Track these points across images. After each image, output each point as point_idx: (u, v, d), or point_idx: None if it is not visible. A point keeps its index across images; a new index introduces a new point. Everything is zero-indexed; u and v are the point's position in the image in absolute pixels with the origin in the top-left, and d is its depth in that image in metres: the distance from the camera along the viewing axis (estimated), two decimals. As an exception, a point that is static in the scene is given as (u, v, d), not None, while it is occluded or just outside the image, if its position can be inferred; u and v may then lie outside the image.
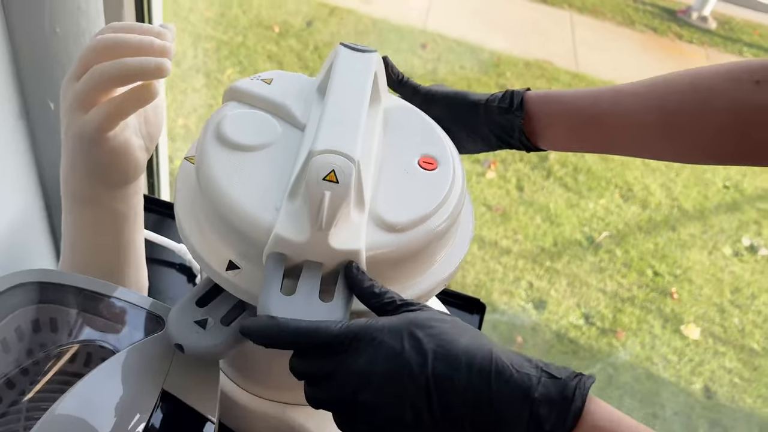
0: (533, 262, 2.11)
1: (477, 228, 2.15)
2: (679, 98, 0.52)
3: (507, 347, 0.38)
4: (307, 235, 0.41)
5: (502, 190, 2.27)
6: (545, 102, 0.56)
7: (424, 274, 0.47)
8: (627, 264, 2.15)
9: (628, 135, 0.54)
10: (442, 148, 0.50)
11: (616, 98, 0.54)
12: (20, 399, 0.47)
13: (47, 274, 0.51)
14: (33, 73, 0.63)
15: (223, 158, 0.45)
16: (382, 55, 0.60)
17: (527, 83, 2.63)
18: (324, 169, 0.41)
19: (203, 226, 0.46)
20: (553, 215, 2.23)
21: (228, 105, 0.49)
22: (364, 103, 0.46)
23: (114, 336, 0.50)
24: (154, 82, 0.47)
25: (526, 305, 1.99)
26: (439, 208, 0.46)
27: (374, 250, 0.43)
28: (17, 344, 0.49)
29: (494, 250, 2.11)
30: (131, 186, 0.54)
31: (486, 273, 2.05)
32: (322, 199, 0.40)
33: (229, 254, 0.44)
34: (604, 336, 1.96)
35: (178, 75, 2.32)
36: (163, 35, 0.48)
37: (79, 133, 0.48)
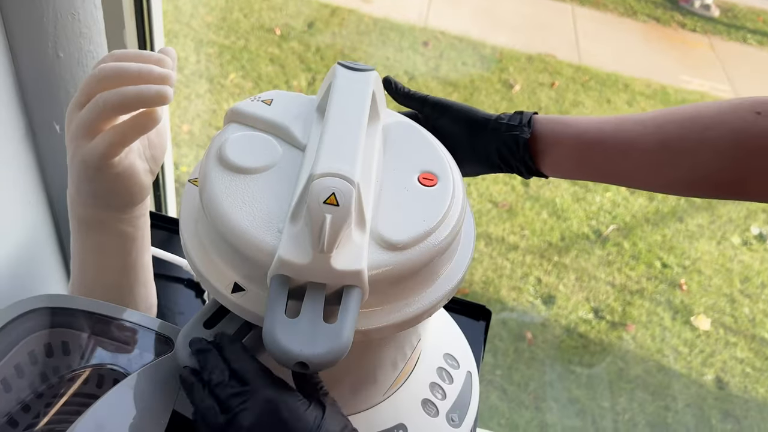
0: (541, 257, 2.11)
1: (484, 224, 2.15)
2: (680, 125, 0.53)
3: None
4: (310, 258, 0.41)
5: (508, 186, 2.27)
6: (551, 123, 0.57)
7: (429, 288, 0.48)
8: (635, 256, 2.14)
9: (630, 161, 0.55)
10: (441, 163, 0.50)
11: (620, 124, 0.55)
12: (36, 422, 0.48)
13: (58, 299, 0.52)
14: (38, 97, 0.64)
15: (226, 181, 0.46)
16: (384, 77, 0.61)
17: (530, 78, 2.63)
18: (324, 192, 0.42)
19: (208, 249, 0.46)
20: (559, 210, 2.23)
21: (229, 127, 0.50)
22: (362, 123, 0.47)
23: (125, 358, 0.51)
24: (156, 108, 0.48)
25: (535, 301, 1.99)
26: (440, 225, 0.46)
27: (377, 269, 0.43)
28: (31, 369, 0.50)
29: (501, 247, 2.11)
30: (137, 208, 0.55)
31: (494, 270, 2.05)
32: (324, 223, 0.41)
33: (234, 276, 0.45)
34: (614, 329, 1.96)
35: (182, 81, 2.33)
36: (163, 62, 0.49)
37: (83, 160, 0.48)
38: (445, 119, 0.59)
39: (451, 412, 0.59)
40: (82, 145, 0.48)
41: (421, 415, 0.57)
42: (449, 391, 0.60)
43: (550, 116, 0.58)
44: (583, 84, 2.64)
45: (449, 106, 0.60)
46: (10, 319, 0.49)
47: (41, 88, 0.63)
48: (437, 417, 0.58)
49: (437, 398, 0.59)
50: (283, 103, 0.51)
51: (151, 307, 0.63)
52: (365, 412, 0.56)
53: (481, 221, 2.16)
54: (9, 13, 0.58)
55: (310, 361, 0.39)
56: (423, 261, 0.45)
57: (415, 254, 0.45)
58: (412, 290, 0.47)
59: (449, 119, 0.59)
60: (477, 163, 0.60)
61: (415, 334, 0.55)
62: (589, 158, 0.56)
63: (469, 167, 0.61)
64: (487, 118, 0.59)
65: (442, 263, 0.48)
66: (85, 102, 0.48)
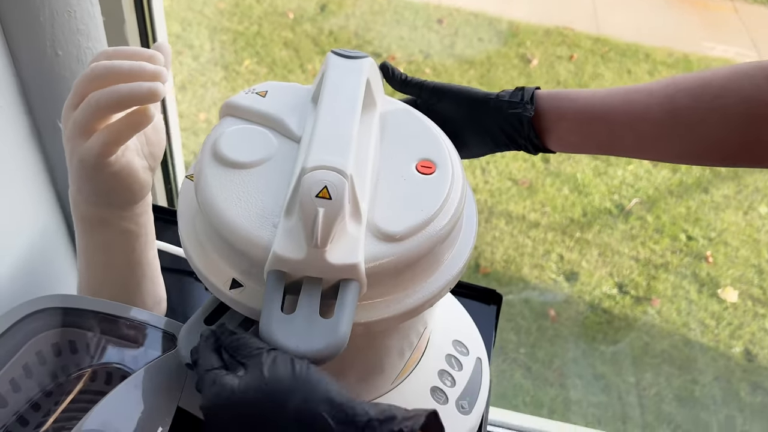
0: (563, 234, 2.09)
1: (504, 203, 2.13)
2: (689, 94, 0.51)
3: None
4: (304, 253, 0.41)
5: (528, 163, 2.25)
6: (555, 98, 0.56)
7: (432, 276, 0.47)
8: (659, 230, 2.11)
9: (637, 133, 0.53)
10: (440, 150, 0.49)
11: (627, 96, 0.54)
12: (46, 420, 0.49)
13: (63, 299, 0.52)
14: (40, 97, 0.64)
15: (221, 177, 0.45)
16: (380, 63, 0.60)
17: (548, 51, 2.58)
18: (316, 186, 0.41)
19: (205, 246, 0.46)
20: (581, 185, 2.20)
21: (224, 121, 0.49)
22: (355, 113, 0.46)
23: (132, 356, 0.51)
24: (149, 106, 0.47)
25: (558, 278, 1.98)
26: (438, 213, 0.46)
27: (374, 261, 0.43)
28: (40, 368, 0.50)
29: (522, 225, 2.09)
30: (139, 205, 0.55)
31: (515, 248, 2.03)
32: (316, 217, 0.40)
33: (231, 273, 0.45)
34: (639, 304, 1.94)
35: (197, 69, 2.33)
36: (155, 59, 0.48)
37: (81, 160, 0.49)
38: (444, 103, 0.58)
39: (461, 399, 0.58)
40: (79, 145, 0.48)
41: (430, 402, 0.57)
42: (459, 378, 0.60)
43: (553, 91, 0.57)
44: (603, 56, 2.59)
45: (448, 90, 0.58)
46: (17, 320, 0.50)
47: (42, 87, 0.63)
48: (447, 404, 0.58)
49: (446, 385, 0.59)
50: (278, 94, 0.51)
51: (160, 302, 0.63)
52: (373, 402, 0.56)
53: (501, 199, 2.14)
54: (6, 14, 0.59)
55: (307, 356, 0.39)
56: (422, 251, 0.45)
57: (413, 244, 0.44)
58: (413, 280, 0.46)
59: (449, 103, 0.58)
60: (482, 144, 0.59)
61: (420, 322, 0.55)
62: (596, 132, 0.55)
63: (476, 148, 0.60)
64: (487, 98, 0.57)
65: (443, 251, 0.48)
66: (79, 102, 0.48)
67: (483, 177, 2.20)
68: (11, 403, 0.48)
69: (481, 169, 2.22)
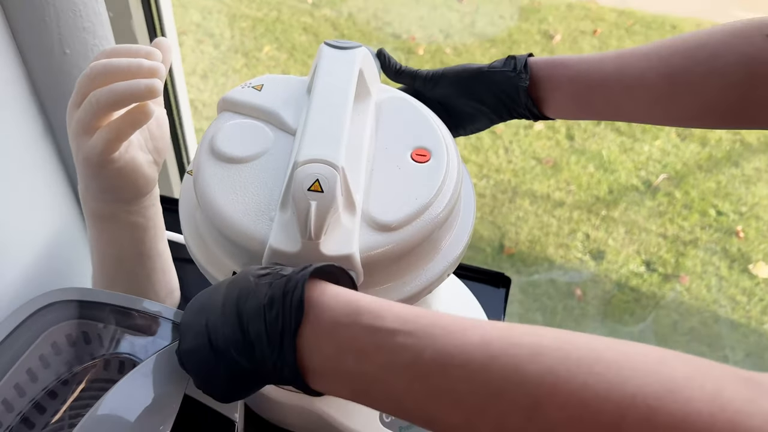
0: (588, 212, 2.06)
1: (528, 182, 2.11)
2: (686, 55, 0.50)
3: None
4: (299, 246, 0.42)
5: (552, 141, 2.22)
6: (550, 66, 0.56)
7: (430, 263, 0.48)
8: (688, 206, 2.07)
9: (633, 98, 0.53)
10: (435, 137, 0.49)
11: (621, 60, 0.53)
12: (61, 408, 0.51)
13: (77, 292, 0.54)
14: (51, 95, 0.66)
15: (218, 172, 0.46)
16: (378, 48, 0.60)
17: (571, 27, 2.54)
18: (308, 179, 0.42)
19: (206, 240, 0.47)
20: (606, 162, 2.17)
21: (221, 116, 0.50)
22: (347, 104, 0.46)
23: (142, 347, 0.53)
24: (148, 102, 0.48)
25: (584, 257, 1.96)
26: (433, 201, 0.46)
27: (370, 251, 0.43)
28: (55, 358, 0.52)
29: (547, 204, 2.08)
30: (146, 199, 0.56)
31: (540, 228, 2.02)
32: (309, 210, 0.41)
33: (232, 266, 0.46)
34: (667, 282, 1.91)
35: (218, 57, 2.35)
36: (152, 55, 0.49)
37: (85, 158, 0.50)
38: (439, 88, 0.58)
39: (467, 383, 0.59)
40: (83, 144, 0.50)
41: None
42: (465, 362, 0.60)
43: (547, 58, 0.56)
44: (628, 29, 2.53)
45: (441, 75, 0.59)
46: (31, 313, 0.52)
47: (52, 86, 0.65)
48: (453, 388, 0.58)
49: (452, 369, 0.59)
50: (274, 87, 0.51)
51: (172, 292, 0.64)
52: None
53: (524, 179, 2.12)
54: (13, 15, 0.60)
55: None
56: (418, 239, 0.45)
57: (408, 233, 0.44)
58: (411, 267, 0.47)
59: (444, 86, 0.58)
60: (484, 118, 0.59)
61: (424, 306, 0.55)
62: (592, 99, 0.55)
63: (479, 123, 0.60)
64: (480, 70, 0.57)
65: (440, 238, 0.48)
66: (81, 100, 0.49)
67: (506, 156, 2.18)
68: (28, 393, 0.50)
69: (504, 148, 2.20)
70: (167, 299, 0.64)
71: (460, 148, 2.19)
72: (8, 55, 0.61)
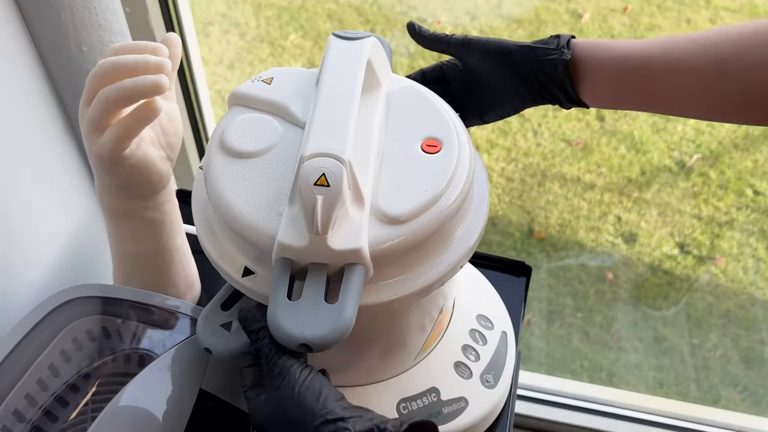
0: (620, 194, 2.03)
1: (557, 165, 2.08)
2: (737, 43, 0.48)
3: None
4: (307, 240, 0.42)
5: (582, 123, 2.18)
6: (592, 47, 0.54)
7: (443, 254, 0.47)
8: (723, 186, 2.02)
9: (677, 83, 0.51)
10: (446, 127, 0.49)
11: (668, 44, 0.51)
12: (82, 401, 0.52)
13: (96, 288, 0.55)
14: (70, 93, 0.66)
15: (228, 167, 0.46)
16: (407, 22, 0.59)
17: (600, 5, 2.48)
18: (314, 174, 0.41)
19: (218, 235, 0.47)
20: (638, 143, 2.12)
21: (231, 111, 0.50)
22: (354, 96, 0.46)
23: (160, 342, 0.54)
24: (155, 98, 0.48)
25: (615, 240, 1.93)
26: (444, 192, 0.45)
27: (379, 245, 0.43)
28: (76, 353, 0.53)
29: (577, 187, 2.04)
30: (161, 195, 0.57)
31: (570, 211, 1.99)
32: (315, 205, 0.41)
33: (243, 261, 0.46)
34: (702, 264, 1.87)
35: (244, 47, 2.36)
36: (158, 51, 0.49)
37: (98, 155, 0.50)
38: (473, 57, 0.57)
39: (486, 373, 0.59)
40: (95, 141, 0.50)
41: (453, 377, 0.58)
42: (483, 352, 0.60)
43: (590, 40, 0.54)
44: (659, 5, 2.46)
45: (476, 42, 0.57)
46: (51, 310, 0.53)
47: (71, 83, 0.65)
48: (471, 379, 0.58)
49: (470, 360, 0.59)
50: (283, 80, 0.51)
51: (192, 285, 0.65)
52: (396, 378, 0.57)
53: (554, 162, 2.09)
54: (29, 15, 0.61)
55: (312, 342, 0.40)
56: (429, 232, 0.44)
57: (419, 226, 0.44)
58: (423, 259, 0.46)
59: (478, 55, 0.56)
60: (514, 96, 0.57)
61: (440, 296, 0.55)
62: (633, 83, 0.52)
63: (507, 104, 0.58)
64: (519, 45, 0.55)
65: (452, 229, 0.47)
66: (92, 98, 0.49)
67: (535, 139, 2.15)
68: (51, 387, 0.51)
69: (533, 131, 2.17)
70: (187, 292, 0.64)
71: (487, 132, 2.17)
72: (27, 55, 0.62)
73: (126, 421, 0.47)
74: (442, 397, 0.56)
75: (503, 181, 2.08)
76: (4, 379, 0.49)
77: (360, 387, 0.56)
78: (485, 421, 0.58)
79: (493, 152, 2.14)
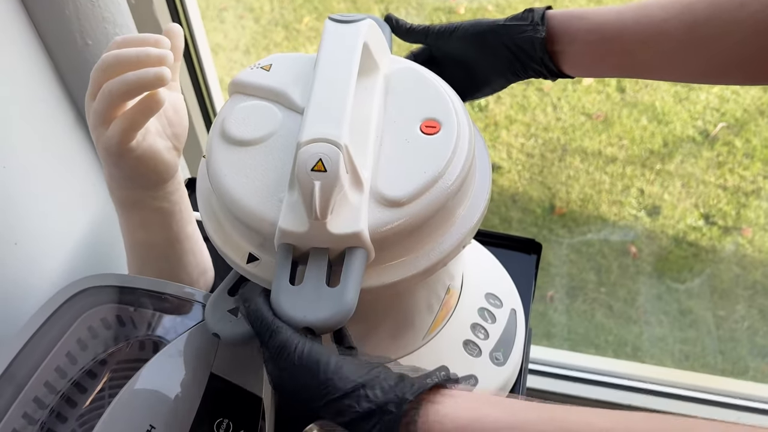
0: (642, 167, 2.00)
1: (578, 139, 2.06)
2: (710, 3, 0.47)
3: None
4: (307, 226, 0.42)
5: (602, 95, 2.15)
6: (567, 18, 0.54)
7: (444, 235, 0.47)
8: (749, 154, 1.98)
9: (652, 49, 0.50)
10: (445, 107, 0.49)
11: (640, 11, 0.51)
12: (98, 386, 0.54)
13: (111, 278, 0.56)
14: (78, 86, 0.68)
15: (229, 156, 0.47)
16: (386, 14, 0.59)
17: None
18: (311, 159, 0.42)
19: (222, 222, 0.48)
20: (660, 114, 2.09)
21: (232, 99, 0.51)
22: (350, 80, 0.46)
23: (173, 329, 0.55)
24: (158, 90, 0.49)
25: (638, 213, 1.91)
26: (443, 174, 0.45)
27: (380, 228, 0.43)
28: (92, 341, 0.55)
29: (598, 161, 2.02)
30: (169, 184, 0.58)
31: (592, 186, 1.97)
32: (313, 190, 0.41)
33: (247, 247, 0.47)
34: (728, 235, 1.84)
35: (259, 32, 2.36)
36: (160, 43, 0.50)
37: (105, 148, 0.51)
38: (452, 44, 0.57)
39: (495, 351, 0.59)
40: (101, 134, 0.51)
41: (463, 356, 0.58)
42: (492, 330, 0.60)
43: (566, 10, 0.54)
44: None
45: (453, 29, 0.57)
46: (66, 299, 0.54)
47: (78, 77, 0.67)
48: (480, 357, 0.58)
49: (479, 338, 0.59)
50: (282, 67, 0.51)
51: (205, 272, 0.66)
52: (406, 358, 0.58)
53: (574, 136, 2.07)
54: (35, 11, 0.62)
55: (314, 325, 0.40)
56: (429, 213, 0.45)
57: (419, 207, 0.44)
58: (425, 241, 0.46)
59: (457, 42, 0.57)
60: (498, 76, 0.58)
61: (446, 275, 0.55)
62: (609, 52, 0.52)
63: (494, 83, 0.59)
64: (494, 24, 0.55)
65: (453, 208, 0.47)
66: (96, 92, 0.50)
67: (554, 114, 2.13)
68: (69, 374, 0.53)
69: (552, 105, 2.15)
70: (200, 279, 0.65)
71: (506, 108, 2.15)
72: (35, 51, 0.63)
73: (140, 404, 0.48)
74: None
75: (523, 157, 2.07)
76: (23, 369, 0.51)
77: (370, 368, 0.57)
78: (496, 398, 0.58)
79: (513, 128, 2.12)
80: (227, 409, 0.49)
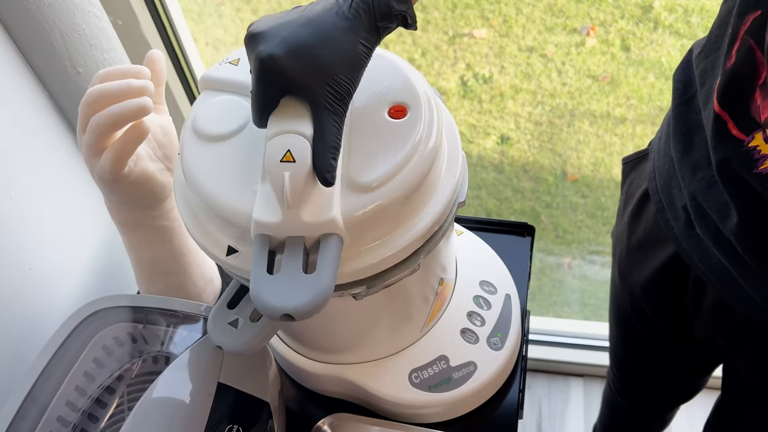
0: (652, 125, 1.98)
1: (585, 102, 2.04)
2: None
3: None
4: (280, 216, 0.43)
5: (606, 56, 2.12)
6: None
7: (418, 215, 0.48)
8: (761, 103, 1.95)
9: None
10: (411, 91, 0.48)
11: None
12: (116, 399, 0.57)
13: (121, 299, 0.59)
14: (74, 112, 0.70)
15: (201, 151, 0.47)
16: None
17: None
18: (279, 151, 0.42)
19: (199, 218, 0.49)
20: (667, 69, 2.06)
21: (202, 95, 0.51)
22: None
23: (181, 342, 0.58)
24: (142, 119, 0.51)
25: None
26: (412, 156, 0.45)
27: (353, 213, 0.44)
28: (107, 359, 0.58)
29: (608, 123, 2.01)
30: (167, 203, 0.60)
31: (602, 149, 1.96)
32: (283, 181, 0.42)
33: (226, 240, 0.47)
34: (745, 186, 1.82)
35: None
36: (141, 74, 0.52)
37: (99, 177, 0.54)
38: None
39: (492, 337, 0.61)
40: (94, 164, 0.54)
41: (461, 343, 0.60)
42: (488, 316, 0.62)
43: None
44: None
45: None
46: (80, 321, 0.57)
47: (74, 105, 0.69)
48: (478, 343, 0.60)
49: (476, 325, 0.61)
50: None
51: (211, 281, 0.69)
52: (407, 350, 0.60)
53: (581, 100, 2.05)
54: (24, 46, 0.64)
55: (293, 312, 0.40)
56: (401, 195, 0.45)
57: (390, 190, 0.44)
58: (402, 219, 0.47)
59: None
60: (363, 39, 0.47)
61: (437, 266, 0.56)
62: None
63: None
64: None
65: (427, 188, 0.48)
66: (86, 125, 0.53)
67: (560, 79, 2.11)
68: (88, 392, 0.56)
69: (557, 71, 2.13)
70: (207, 288, 0.68)
71: (510, 78, 2.14)
72: (29, 84, 0.66)
73: (156, 416, 0.51)
74: (451, 363, 0.59)
75: (531, 126, 2.06)
76: (45, 390, 0.54)
77: (372, 362, 0.60)
78: (496, 380, 0.61)
79: (519, 97, 2.12)
80: (236, 416, 0.52)
